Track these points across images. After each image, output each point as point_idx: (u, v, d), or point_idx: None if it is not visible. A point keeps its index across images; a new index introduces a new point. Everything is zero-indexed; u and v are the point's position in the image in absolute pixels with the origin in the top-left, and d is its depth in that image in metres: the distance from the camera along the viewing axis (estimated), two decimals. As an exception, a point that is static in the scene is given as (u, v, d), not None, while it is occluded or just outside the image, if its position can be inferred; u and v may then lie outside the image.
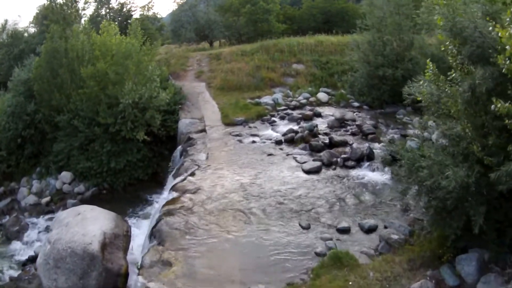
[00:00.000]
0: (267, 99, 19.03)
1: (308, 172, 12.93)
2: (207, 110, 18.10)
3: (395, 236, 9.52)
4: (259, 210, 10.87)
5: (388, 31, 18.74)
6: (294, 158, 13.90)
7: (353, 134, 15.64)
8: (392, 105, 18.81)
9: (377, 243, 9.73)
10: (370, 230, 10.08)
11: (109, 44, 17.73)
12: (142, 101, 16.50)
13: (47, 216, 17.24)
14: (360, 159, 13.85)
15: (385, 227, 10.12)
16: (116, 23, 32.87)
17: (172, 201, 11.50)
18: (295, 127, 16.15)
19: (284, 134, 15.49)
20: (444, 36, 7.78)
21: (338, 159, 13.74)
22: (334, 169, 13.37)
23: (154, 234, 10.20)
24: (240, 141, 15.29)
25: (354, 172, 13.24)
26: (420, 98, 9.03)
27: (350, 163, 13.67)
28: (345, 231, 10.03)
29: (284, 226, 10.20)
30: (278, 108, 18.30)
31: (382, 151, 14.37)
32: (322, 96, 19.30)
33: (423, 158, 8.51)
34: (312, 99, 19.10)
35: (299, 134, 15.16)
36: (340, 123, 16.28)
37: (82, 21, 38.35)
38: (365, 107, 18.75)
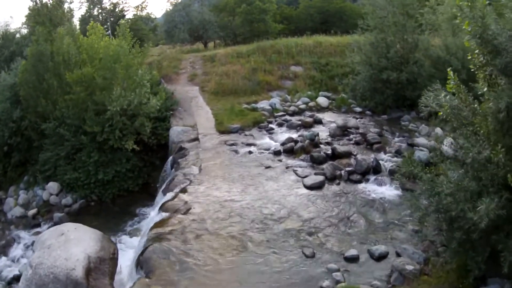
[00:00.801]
0: (264, 104, 17.83)
1: (310, 188, 11.79)
2: (200, 117, 16.88)
3: (409, 267, 8.43)
4: (257, 234, 9.71)
5: (392, 32, 17.57)
6: (295, 171, 12.74)
7: (357, 143, 14.52)
8: (396, 110, 17.72)
9: (388, 272, 8.64)
10: (380, 258, 9.02)
11: (96, 47, 16.45)
12: (131, 108, 15.26)
13: (33, 230, 16.08)
14: (366, 172, 12.78)
15: (398, 255, 9.03)
16: (108, 23, 31.77)
17: (161, 223, 10.31)
18: (295, 136, 14.98)
19: (283, 144, 14.31)
20: (471, 43, 6.59)
21: (342, 172, 12.62)
22: (338, 183, 12.24)
23: (141, 264, 9.01)
24: (235, 151, 14.10)
25: (360, 187, 12.15)
26: (440, 113, 7.86)
27: (356, 176, 12.57)
28: (353, 259, 8.93)
29: (285, 253, 9.05)
30: (276, 114, 17.10)
31: (389, 162, 13.30)
32: (322, 100, 18.12)
33: (445, 182, 7.36)
34: (311, 104, 17.92)
35: (299, 144, 13.99)
36: (343, 131, 15.12)
37: (76, 21, 37.24)
38: (367, 112, 17.60)
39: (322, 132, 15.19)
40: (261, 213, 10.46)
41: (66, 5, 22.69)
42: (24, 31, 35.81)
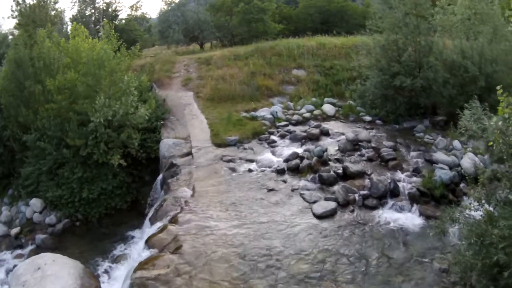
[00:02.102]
0: (264, 112, 15.93)
1: (320, 217, 9.97)
2: (194, 127, 14.97)
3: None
4: (260, 280, 7.86)
5: (403, 34, 15.72)
6: (302, 195, 10.91)
7: (370, 159, 12.75)
8: (407, 118, 15.89)
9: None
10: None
11: (79, 50, 14.52)
12: (117, 118, 13.34)
13: (16, 252, 14.40)
14: (383, 196, 10.97)
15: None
16: (101, 24, 29.62)
17: (147, 263, 8.49)
18: (300, 150, 13.14)
19: (286, 160, 12.46)
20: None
21: (356, 197, 10.86)
22: (352, 211, 10.44)
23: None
24: (233, 169, 12.23)
25: (377, 215, 10.41)
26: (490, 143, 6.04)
27: (371, 201, 10.82)
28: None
29: (294, 309, 7.22)
30: (278, 124, 15.21)
31: (407, 183, 11.49)
32: (328, 108, 16.24)
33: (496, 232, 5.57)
34: (316, 112, 16.03)
35: (306, 161, 12.15)
36: (354, 145, 13.29)
37: (68, 21, 35.00)
38: (378, 121, 15.76)
39: (331, 146, 13.35)
40: (264, 252, 8.63)
41: (53, 5, 20.49)
42: (17, 32, 33.79)
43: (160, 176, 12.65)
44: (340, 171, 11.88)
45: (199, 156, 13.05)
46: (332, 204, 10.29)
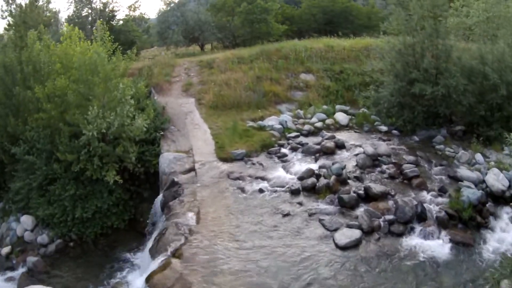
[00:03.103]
0: (273, 122, 14.52)
1: (343, 248, 8.58)
2: (197, 139, 13.55)
3: None
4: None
5: (421, 38, 14.38)
6: (321, 221, 9.58)
7: (391, 177, 11.54)
8: (424, 128, 14.56)
9: None
10: None
11: (71, 54, 13.05)
12: (112, 131, 11.89)
13: (6, 275, 13.02)
14: (409, 221, 9.64)
15: None
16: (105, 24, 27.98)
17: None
18: (314, 166, 11.79)
19: (301, 178, 11.10)
20: None
21: (381, 222, 9.49)
22: (378, 239, 9.17)
23: None
24: (242, 189, 10.85)
25: (404, 243, 9.20)
26: None
27: (398, 228, 9.61)
28: None
29: None
30: (288, 135, 13.81)
31: (434, 204, 10.20)
32: (341, 117, 14.85)
33: None
34: (328, 121, 14.64)
35: (323, 181, 10.82)
36: (373, 160, 11.96)
37: (62, 22, 33.29)
38: (394, 132, 14.44)
39: (348, 162, 11.98)
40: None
41: (46, 5, 18.94)
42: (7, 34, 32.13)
43: (160, 196, 11.24)
44: (361, 191, 10.58)
45: (203, 173, 11.64)
46: (356, 233, 8.96)
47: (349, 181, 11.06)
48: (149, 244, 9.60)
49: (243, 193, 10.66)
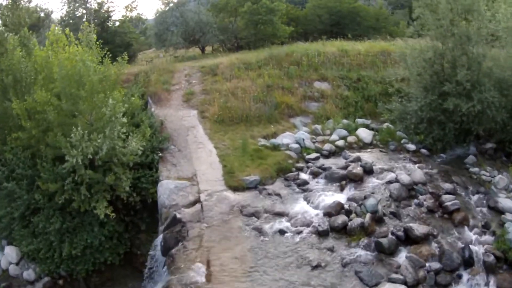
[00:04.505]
0: (288, 140, 12.45)
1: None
2: (201, 162, 11.46)
3: None
4: None
5: (452, 45, 12.46)
6: (358, 274, 7.66)
7: (430, 210, 9.75)
8: (454, 146, 12.74)
9: None
10: None
11: (50, 63, 10.93)
12: (101, 156, 9.77)
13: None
14: (457, 268, 8.10)
15: None
16: (92, 26, 25.64)
17: None
18: (342, 197, 9.88)
19: (328, 214, 9.14)
20: None
21: (426, 272, 7.65)
22: (425, 294, 7.15)
23: None
24: (259, 230, 8.83)
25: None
26: None
27: (444, 277, 8.15)
28: None
29: None
30: (307, 156, 11.76)
31: (479, 245, 8.60)
32: (364, 134, 12.80)
33: None
34: (351, 138, 12.59)
35: (357, 220, 8.84)
36: (408, 190, 9.99)
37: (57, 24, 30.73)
38: (423, 150, 12.54)
39: (379, 191, 10.00)
40: None
41: (28, 5, 16.69)
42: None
43: (160, 237, 9.14)
44: (401, 233, 8.63)
45: (211, 207, 9.57)
46: (401, 289, 6.99)
47: (385, 218, 9.09)
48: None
49: (260, 235, 8.63)
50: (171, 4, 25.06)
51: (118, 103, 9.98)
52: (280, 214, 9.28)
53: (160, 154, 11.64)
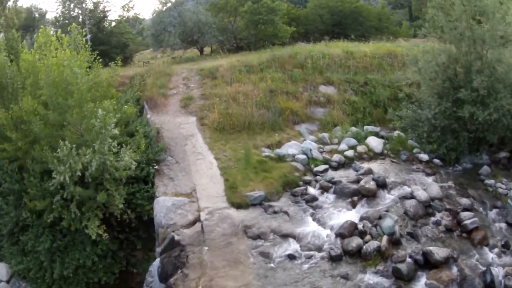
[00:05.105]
0: (294, 150, 11.61)
1: None
2: (201, 175, 10.62)
3: None
4: None
5: (467, 49, 11.69)
6: (377, 307, 6.72)
7: (448, 229, 9.06)
8: (467, 155, 12.02)
9: None
10: None
11: (36, 68, 10.04)
12: (90, 172, 8.91)
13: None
14: None
15: None
16: (87, 27, 24.73)
17: None
18: (353, 215, 9.08)
19: (341, 235, 8.38)
20: None
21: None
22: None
23: None
24: (265, 255, 8.03)
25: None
26: None
27: None
28: None
29: None
30: (315, 168, 10.93)
31: (499, 267, 7.93)
32: (374, 143, 11.98)
33: None
34: (360, 148, 11.76)
35: (372, 244, 8.02)
36: (425, 207, 9.19)
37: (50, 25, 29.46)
38: (436, 161, 11.81)
39: (394, 208, 9.20)
40: None
41: (14, 5, 15.71)
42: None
43: (157, 261, 8.30)
44: (420, 257, 7.88)
45: (212, 227, 8.74)
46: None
47: (402, 239, 8.31)
48: None
49: (268, 261, 7.83)
50: (169, 4, 24.08)
51: (109, 114, 9.08)
52: (288, 236, 8.47)
53: (156, 167, 10.76)
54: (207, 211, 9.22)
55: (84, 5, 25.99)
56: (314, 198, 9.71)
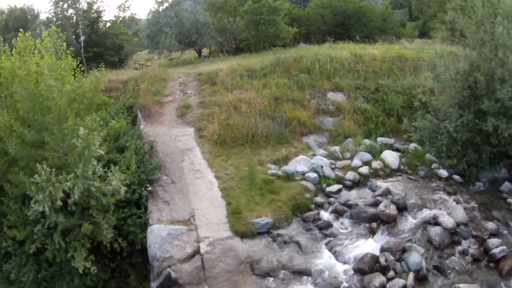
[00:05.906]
0: (303, 166, 10.50)
1: None
2: (200, 197, 9.50)
3: None
4: None
5: (489, 56, 10.66)
6: None
7: (475, 259, 8.09)
8: (486, 170, 10.97)
9: None
10: None
11: (15, 76, 8.86)
12: (74, 199, 7.77)
13: None
14: None
15: None
16: (80, 27, 23.47)
17: None
18: (373, 245, 7.96)
19: (360, 271, 7.37)
20: None
21: None
22: None
23: None
24: (276, 297, 6.85)
25: None
26: None
27: None
28: None
29: None
30: (327, 188, 9.83)
31: None
32: (390, 158, 10.88)
33: None
34: (376, 164, 10.66)
35: (397, 282, 6.93)
36: (451, 234, 8.13)
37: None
38: (455, 177, 10.74)
39: (416, 235, 8.16)
40: None
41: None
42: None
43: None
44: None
45: (214, 262, 7.64)
46: None
47: (428, 273, 7.27)
48: None
49: (278, 306, 6.71)
50: (165, 4, 22.86)
51: (92, 132, 7.92)
52: (301, 273, 7.42)
53: (150, 188, 9.60)
54: (208, 242, 8.12)
55: (77, 5, 24.70)
56: (328, 225, 8.63)
